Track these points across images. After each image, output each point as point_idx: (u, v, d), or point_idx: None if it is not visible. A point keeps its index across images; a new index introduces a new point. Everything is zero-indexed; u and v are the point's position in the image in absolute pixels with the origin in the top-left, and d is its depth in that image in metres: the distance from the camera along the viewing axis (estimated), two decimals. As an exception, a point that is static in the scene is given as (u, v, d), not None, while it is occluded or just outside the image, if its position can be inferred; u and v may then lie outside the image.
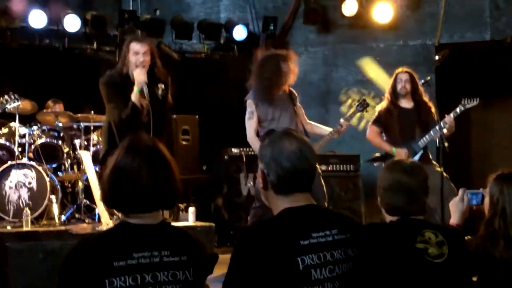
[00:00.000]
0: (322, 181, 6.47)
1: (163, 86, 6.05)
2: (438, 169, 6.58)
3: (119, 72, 6.05)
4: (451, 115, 6.96)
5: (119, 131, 5.91)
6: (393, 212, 3.11)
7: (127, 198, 2.55)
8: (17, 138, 7.80)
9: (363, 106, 6.96)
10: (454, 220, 3.51)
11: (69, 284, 2.44)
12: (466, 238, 3.27)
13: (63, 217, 7.73)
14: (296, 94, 6.64)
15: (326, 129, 6.74)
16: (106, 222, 6.74)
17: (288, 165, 2.68)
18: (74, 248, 2.50)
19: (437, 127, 6.84)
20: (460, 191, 3.56)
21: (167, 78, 6.21)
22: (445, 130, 6.75)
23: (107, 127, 6.11)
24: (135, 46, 5.97)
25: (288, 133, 2.81)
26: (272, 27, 10.17)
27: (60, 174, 8.29)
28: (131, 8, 10.26)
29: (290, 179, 2.69)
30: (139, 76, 5.85)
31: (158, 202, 2.60)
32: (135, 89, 5.87)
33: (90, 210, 8.12)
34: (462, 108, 7.01)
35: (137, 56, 5.94)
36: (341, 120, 6.67)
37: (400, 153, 7.07)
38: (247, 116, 6.45)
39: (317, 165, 6.23)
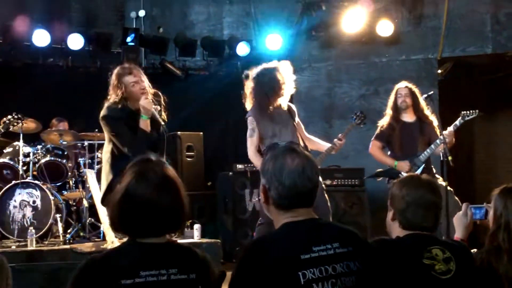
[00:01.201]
0: (326, 196, 6.44)
1: (158, 108, 5.92)
2: (442, 183, 6.58)
3: (116, 106, 5.85)
4: (451, 128, 6.96)
5: (130, 158, 5.80)
6: (409, 227, 3.09)
7: (136, 224, 2.56)
8: (21, 157, 7.83)
9: (360, 118, 6.93)
10: (458, 234, 3.50)
11: None
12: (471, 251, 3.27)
13: (68, 236, 7.75)
14: (294, 110, 6.61)
15: (324, 145, 6.71)
16: (111, 240, 6.74)
17: (289, 183, 2.67)
18: (82, 267, 2.50)
19: (437, 141, 6.87)
20: (464, 206, 3.56)
21: (159, 96, 6.08)
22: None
23: (111, 157, 5.91)
24: (131, 78, 5.86)
25: (291, 148, 2.79)
26: (275, 43, 10.20)
27: (64, 192, 8.29)
28: (134, 26, 10.33)
29: (291, 196, 2.69)
30: (148, 104, 5.77)
31: (167, 227, 2.61)
32: (144, 117, 5.77)
33: (95, 228, 8.13)
34: (462, 121, 7.00)
35: (139, 84, 5.85)
36: (338, 136, 6.62)
37: (403, 166, 7.07)
38: (248, 133, 6.43)
39: (320, 180, 6.23)
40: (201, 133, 9.64)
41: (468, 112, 7.02)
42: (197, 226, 7.58)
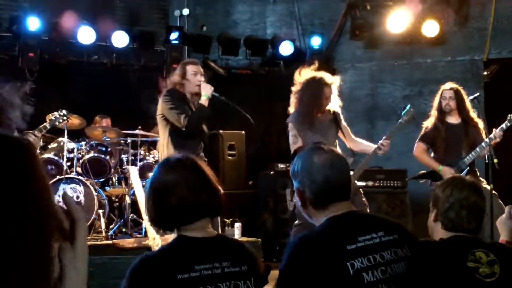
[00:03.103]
0: (364, 198, 6.37)
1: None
2: (487, 186, 6.48)
3: (173, 88, 6.36)
4: (498, 130, 6.85)
5: (186, 136, 6.21)
6: (451, 228, 3.07)
7: (167, 216, 2.63)
8: (65, 153, 7.92)
9: (408, 114, 6.67)
10: (503, 237, 3.45)
11: None
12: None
13: (110, 231, 7.82)
14: (340, 114, 6.56)
15: (371, 146, 6.63)
16: (153, 236, 6.77)
17: (320, 178, 2.71)
18: (137, 263, 2.54)
19: (483, 144, 6.77)
20: (507, 209, 3.50)
21: None
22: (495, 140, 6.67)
23: (169, 138, 6.26)
24: (194, 67, 6.39)
25: (316, 147, 2.83)
26: (318, 43, 10.16)
27: (107, 188, 8.38)
28: (178, 24, 10.38)
29: (325, 191, 2.72)
30: (208, 87, 6.29)
31: (201, 214, 2.65)
32: (205, 95, 6.24)
33: (136, 225, 8.19)
34: (509, 124, 6.90)
35: (197, 76, 6.35)
36: (383, 138, 6.53)
37: (447, 172, 6.97)
38: (291, 140, 6.41)
39: (356, 183, 6.16)
40: (243, 132, 9.64)
41: None
42: (237, 225, 7.59)
